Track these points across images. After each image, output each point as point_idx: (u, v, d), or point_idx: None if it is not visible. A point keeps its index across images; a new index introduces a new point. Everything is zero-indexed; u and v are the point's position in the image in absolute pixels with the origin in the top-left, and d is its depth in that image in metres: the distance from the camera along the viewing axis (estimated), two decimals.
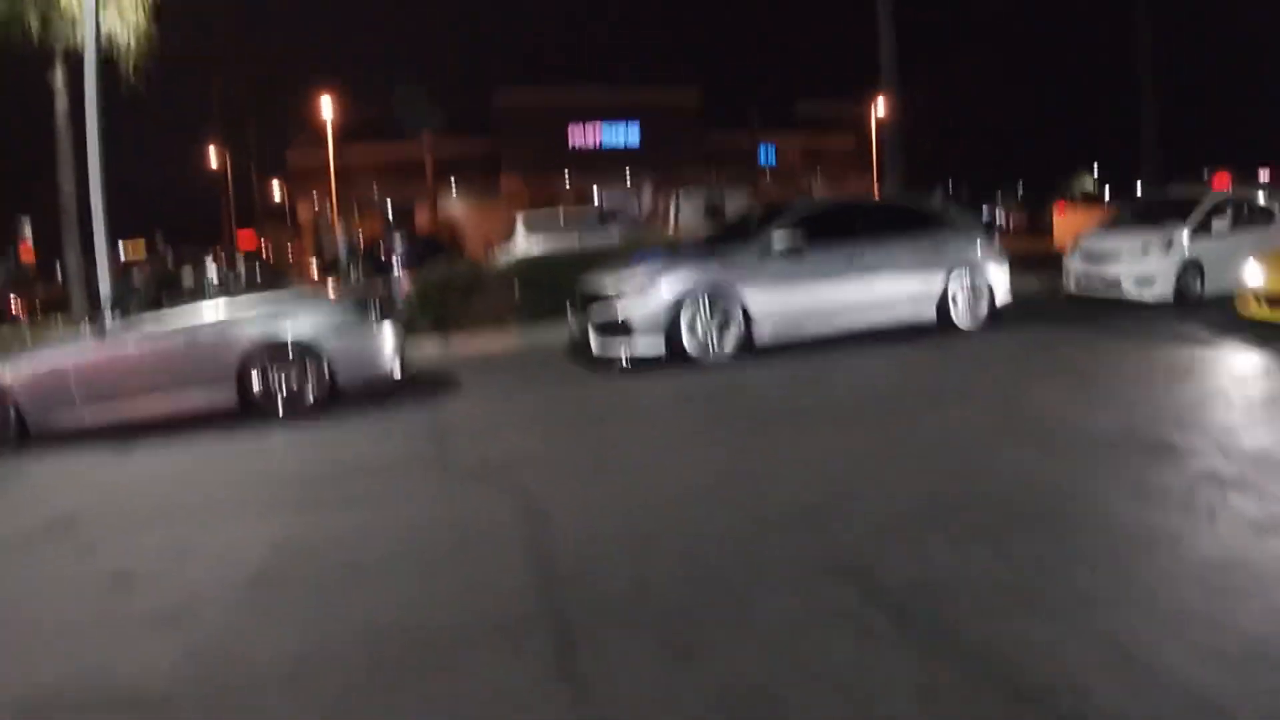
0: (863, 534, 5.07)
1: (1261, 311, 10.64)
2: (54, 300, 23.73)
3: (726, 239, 11.85)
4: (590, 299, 10.56)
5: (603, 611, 4.22)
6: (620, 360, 10.14)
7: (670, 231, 20.13)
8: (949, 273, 11.44)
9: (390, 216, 46.35)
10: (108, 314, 8.91)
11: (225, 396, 8.68)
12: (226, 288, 9.89)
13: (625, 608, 4.26)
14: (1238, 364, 9.28)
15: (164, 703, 3.61)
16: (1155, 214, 14.92)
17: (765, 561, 4.75)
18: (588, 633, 4.00)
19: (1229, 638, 3.64)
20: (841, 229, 11.29)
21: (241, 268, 10.63)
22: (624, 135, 50.72)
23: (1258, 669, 3.40)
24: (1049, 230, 33.74)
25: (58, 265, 28.16)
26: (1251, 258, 11.26)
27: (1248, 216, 14.78)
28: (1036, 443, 6.68)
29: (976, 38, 48.83)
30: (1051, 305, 14.31)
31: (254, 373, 8.69)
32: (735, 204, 21.04)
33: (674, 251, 12.26)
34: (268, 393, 8.75)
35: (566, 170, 46.20)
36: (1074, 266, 14.62)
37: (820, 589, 4.36)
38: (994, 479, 5.98)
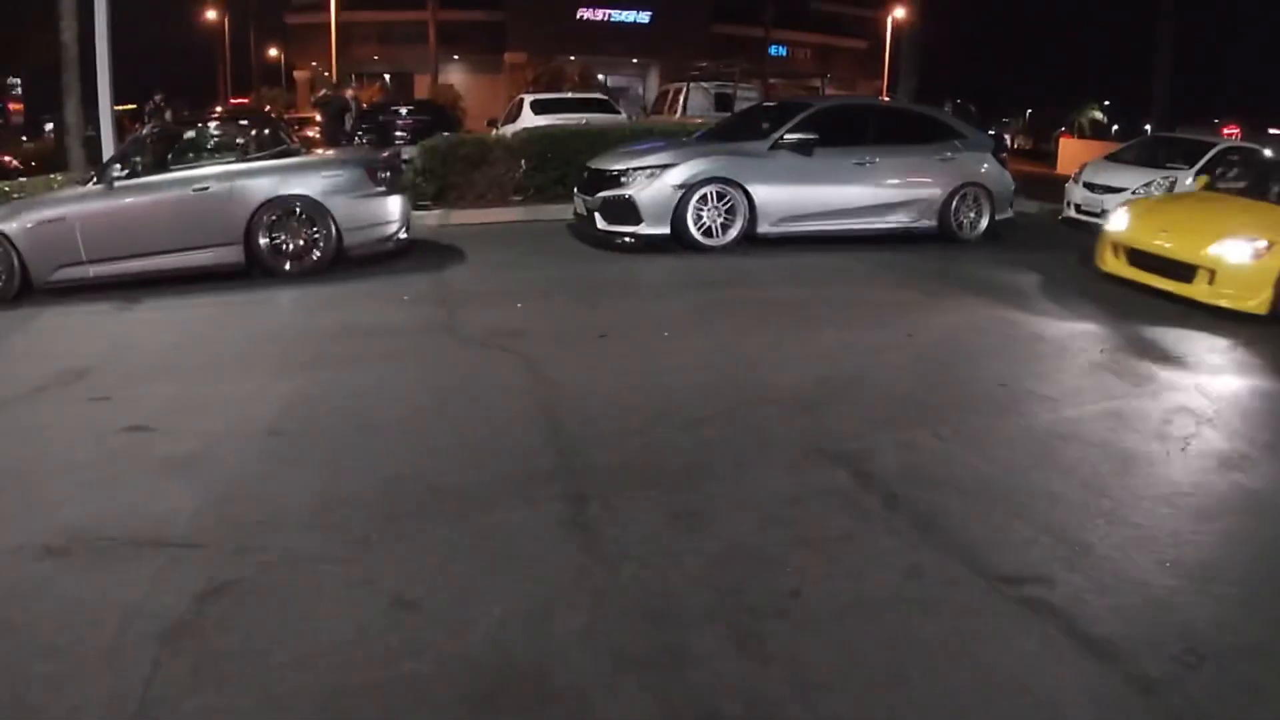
0: (857, 422, 5.32)
1: (1119, 266, 9.53)
2: (43, 155, 23.29)
3: (736, 131, 11.82)
4: (597, 179, 10.58)
5: (610, 474, 4.42)
6: (625, 240, 10.22)
7: (678, 118, 19.94)
8: (955, 185, 11.48)
9: (390, 85, 45.70)
10: (114, 167, 8.74)
11: (232, 254, 8.69)
12: (234, 147, 9.85)
13: (632, 472, 4.47)
14: None
15: (187, 543, 3.72)
16: (1162, 154, 14.96)
17: (764, 440, 4.96)
18: (596, 492, 4.20)
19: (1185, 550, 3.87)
20: (853, 131, 11.29)
21: (250, 129, 10.40)
22: (635, 18, 49.77)
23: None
24: (1052, 157, 33.70)
25: (49, 123, 27.70)
26: (1120, 204, 10.60)
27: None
28: (1022, 349, 6.86)
29: None
30: (1048, 228, 14.39)
31: (261, 231, 8.71)
32: (746, 97, 20.84)
33: (683, 139, 12.23)
34: (275, 251, 8.78)
35: (574, 48, 45.34)
36: (1074, 194, 14.66)
37: (817, 469, 4.60)
38: (979, 381, 6.18)
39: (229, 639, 3.09)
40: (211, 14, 47.46)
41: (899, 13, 35.59)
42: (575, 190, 11.26)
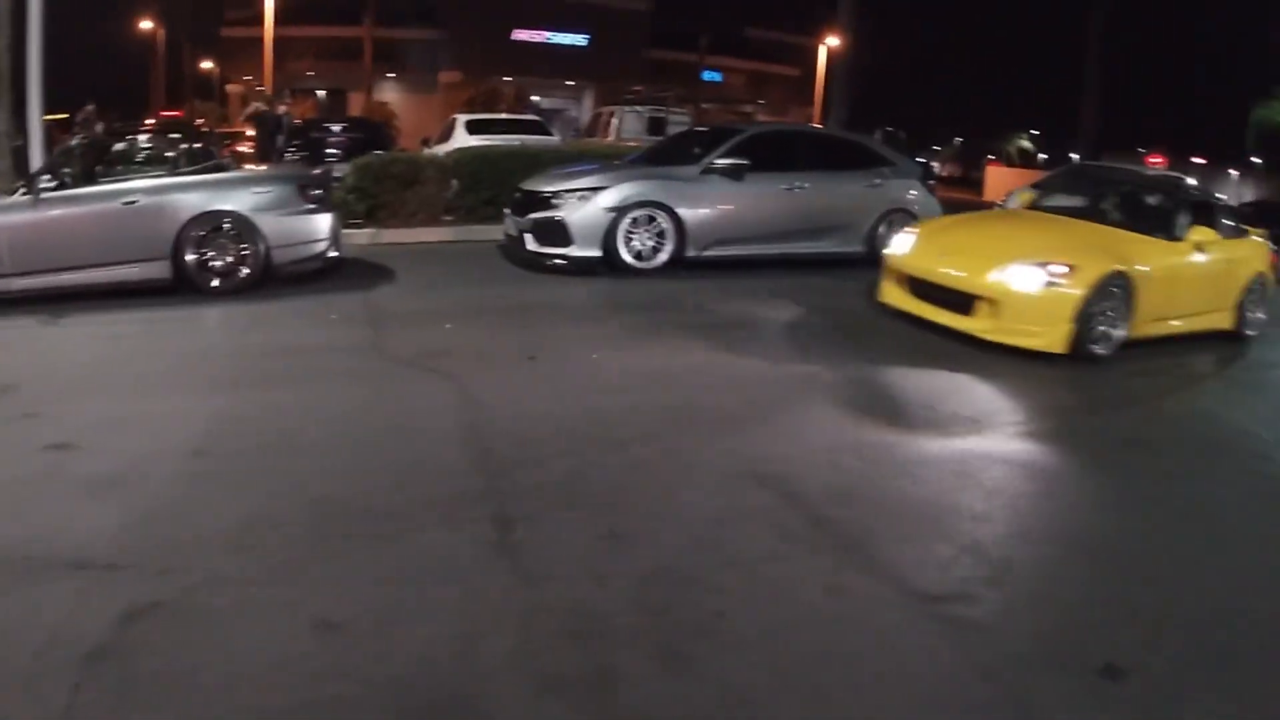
0: (784, 444, 5.38)
1: (899, 297, 8.43)
2: None
3: (668, 155, 11.92)
4: (529, 200, 10.60)
5: (538, 496, 4.44)
6: (556, 263, 10.24)
7: (611, 141, 20.05)
8: (883, 210, 11.69)
9: (324, 101, 45.32)
10: (42, 178, 8.55)
11: (160, 269, 8.53)
12: (164, 160, 9.71)
13: (559, 493, 4.48)
14: None
15: (110, 564, 3.65)
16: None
17: (692, 461, 5.03)
18: (524, 514, 4.22)
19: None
20: (783, 157, 11.44)
21: (181, 142, 10.23)
22: (571, 41, 49.89)
23: None
24: (980, 184, 34.40)
25: None
26: (906, 227, 9.49)
27: None
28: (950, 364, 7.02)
29: None
30: None
31: (190, 247, 8.58)
32: (678, 122, 21.03)
33: (615, 162, 12.31)
34: (203, 268, 8.64)
35: (510, 69, 45.32)
36: None
37: (743, 490, 4.66)
38: (903, 403, 6.32)
39: (152, 662, 3.04)
40: (146, 24, 46.71)
41: (832, 41, 36.12)
42: (507, 211, 11.25)
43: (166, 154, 9.92)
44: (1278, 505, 5.34)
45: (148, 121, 19.80)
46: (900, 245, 8.66)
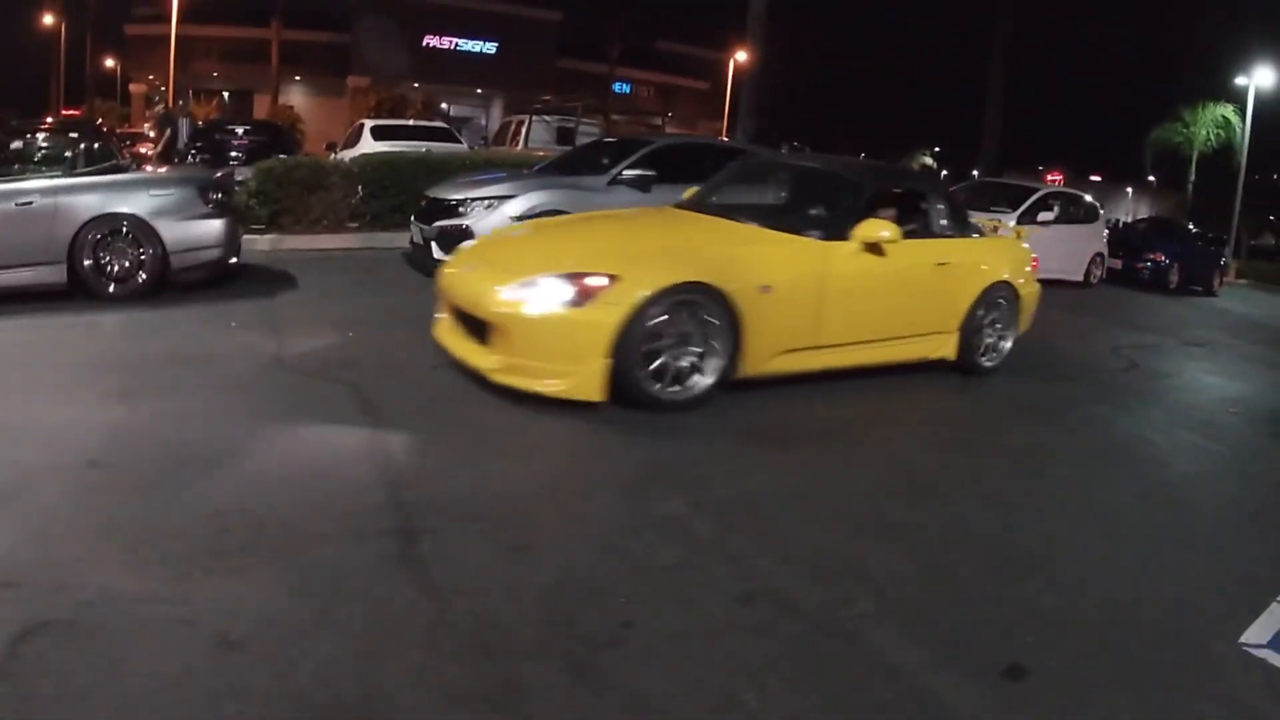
0: (691, 450, 5.43)
1: (444, 330, 6.59)
2: None
3: (577, 165, 11.94)
4: (435, 207, 10.52)
5: (442, 508, 4.37)
6: None
7: (519, 150, 19.97)
8: None
9: (229, 103, 44.45)
10: None
11: (54, 273, 8.24)
12: (61, 161, 9.40)
13: (464, 506, 4.43)
14: None
15: (3, 583, 3.49)
16: (988, 197, 15.82)
17: (599, 471, 5.05)
18: (428, 526, 4.16)
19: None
20: (691, 169, 11.44)
21: (80, 142, 9.89)
22: (481, 48, 49.68)
23: None
24: None
25: None
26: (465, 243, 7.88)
27: (1074, 212, 15.95)
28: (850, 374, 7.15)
29: (843, 3, 49.77)
30: None
31: (86, 250, 8.31)
32: (587, 132, 21.03)
33: (523, 171, 12.28)
34: (99, 272, 8.38)
35: (419, 75, 44.97)
36: None
37: (652, 498, 4.67)
38: (808, 405, 6.43)
39: (45, 682, 2.92)
40: (48, 19, 45.30)
41: (740, 56, 36.51)
42: (412, 219, 11.16)
43: (64, 154, 9.60)
44: (1171, 509, 5.56)
45: (46, 120, 19.14)
46: (453, 263, 6.80)
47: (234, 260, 9.43)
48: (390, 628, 3.33)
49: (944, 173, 58.81)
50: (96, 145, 9.77)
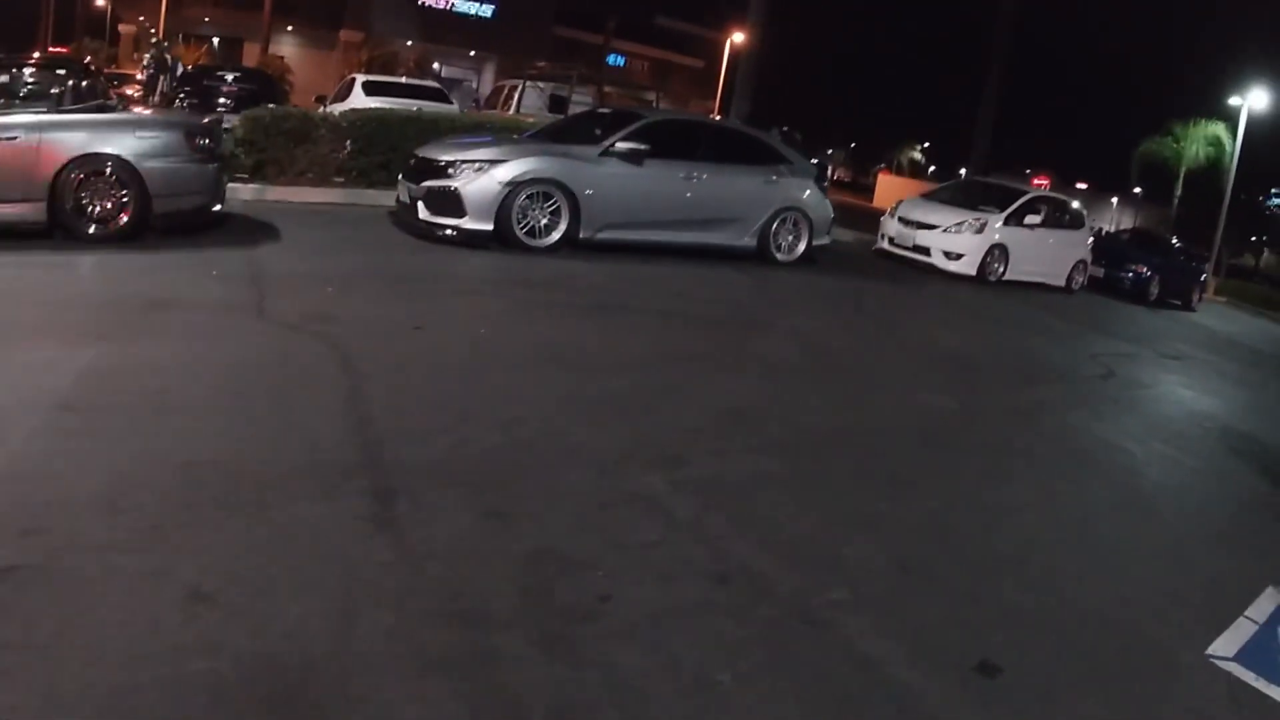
0: (673, 430, 5.41)
1: None
2: None
3: (568, 134, 11.83)
4: (424, 168, 10.39)
5: (419, 470, 4.33)
6: (447, 233, 10.07)
7: (511, 115, 19.80)
8: (777, 208, 11.84)
9: (218, 50, 43.90)
10: None
11: (34, 211, 8.05)
12: (47, 97, 9.21)
13: (441, 469, 4.39)
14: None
15: None
16: (975, 197, 15.85)
17: (578, 443, 5.01)
18: (404, 488, 4.11)
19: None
20: (683, 146, 11.48)
21: (67, 80, 9.68)
22: (477, 11, 49.20)
23: None
24: (870, 190, 35.10)
25: None
26: None
27: (1061, 218, 16.00)
28: (830, 364, 7.15)
29: None
30: (862, 257, 15.01)
31: (68, 189, 8.15)
32: (580, 102, 20.88)
33: (513, 137, 12.17)
34: (80, 212, 8.21)
35: (412, 33, 44.48)
36: (889, 227, 15.35)
37: (630, 474, 4.66)
38: (795, 394, 6.42)
39: (10, 629, 2.86)
40: None
41: (738, 37, 36.34)
42: (400, 177, 11.03)
43: (51, 90, 9.42)
44: (1142, 518, 5.59)
45: (33, 56, 18.83)
46: None
47: (217, 208, 9.28)
48: (363, 589, 3.29)
49: (931, 169, 58.94)
50: (84, 83, 9.59)
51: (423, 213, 10.20)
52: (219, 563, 3.34)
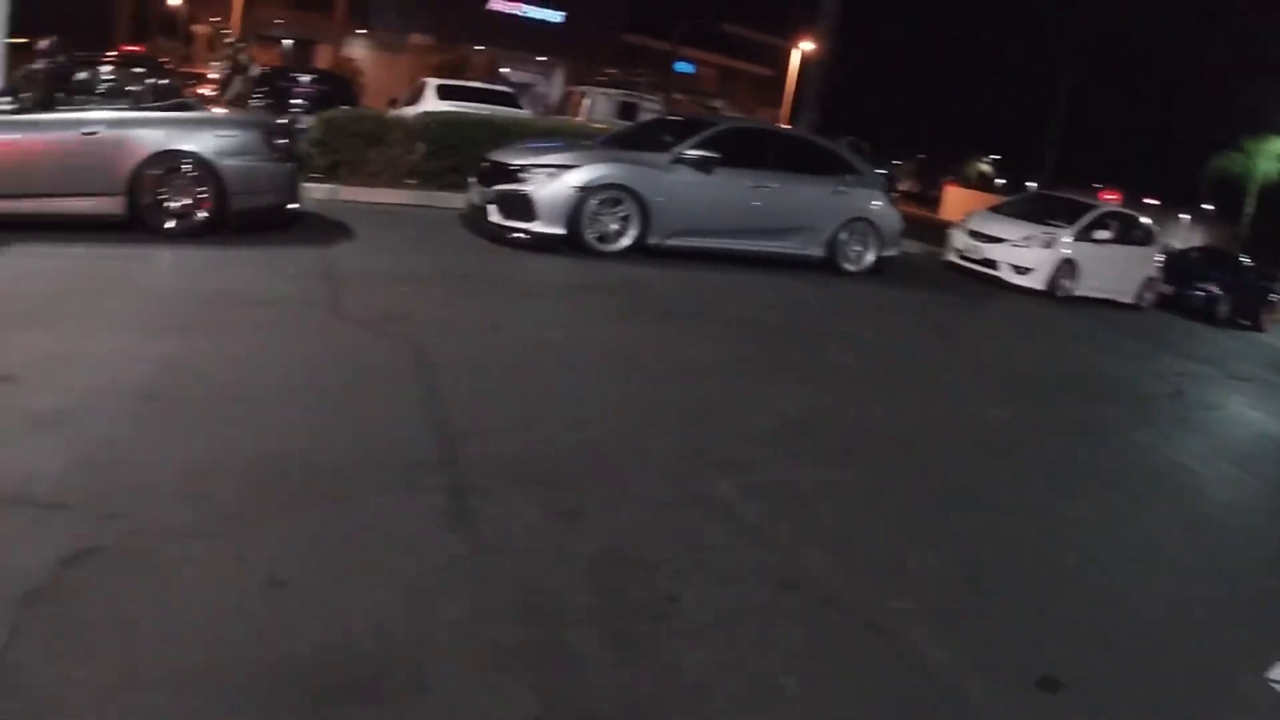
0: (740, 436, 5.41)
1: None
2: None
3: (639, 140, 11.88)
4: (497, 171, 10.49)
5: (493, 468, 4.38)
6: (518, 237, 10.15)
7: (581, 121, 19.93)
8: (846, 218, 11.78)
9: (290, 51, 44.61)
10: (2, 100, 8.20)
11: (114, 205, 8.25)
12: (127, 94, 9.41)
13: (514, 466, 4.44)
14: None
15: (53, 504, 3.52)
16: (1045, 211, 15.63)
17: (649, 446, 5.03)
18: (478, 484, 4.17)
19: None
20: (753, 154, 11.48)
21: (147, 78, 9.86)
22: (547, 16, 49.51)
23: None
24: (937, 202, 34.78)
25: None
26: None
27: (1129, 233, 15.72)
28: (896, 375, 7.10)
29: (917, 3, 49.17)
30: (930, 270, 14.87)
31: (147, 184, 8.34)
32: (650, 109, 20.96)
33: (585, 142, 12.24)
34: (158, 207, 8.41)
35: (482, 38, 44.87)
36: (958, 240, 15.19)
37: (699, 477, 4.67)
38: (861, 404, 6.38)
39: (93, 608, 2.95)
40: None
41: (806, 45, 36.26)
42: (472, 181, 11.15)
43: (131, 88, 9.61)
44: (1206, 539, 5.49)
45: (111, 54, 19.26)
46: None
47: (292, 207, 9.46)
48: (437, 582, 3.35)
49: (1000, 181, 58.22)
50: (164, 81, 9.78)
51: (494, 216, 10.29)
52: (296, 551, 3.41)
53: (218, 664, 2.76)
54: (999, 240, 14.47)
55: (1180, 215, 57.74)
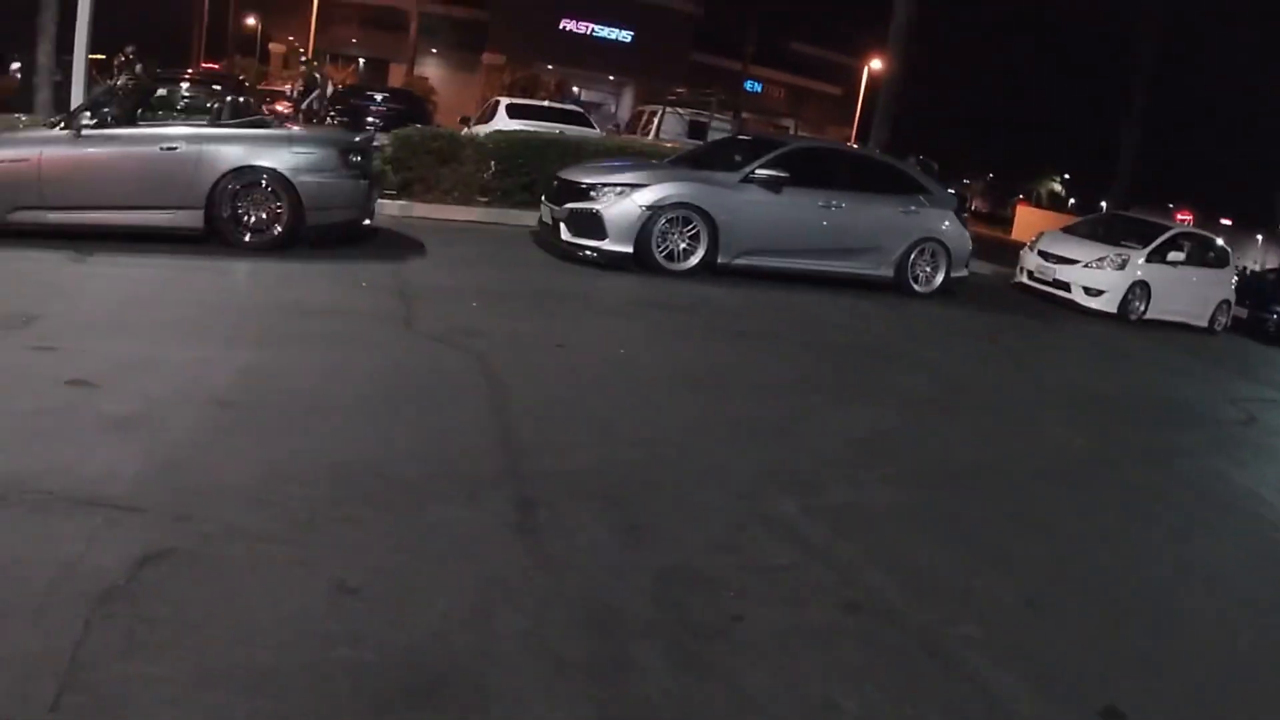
0: (807, 456, 5.38)
1: None
2: (4, 93, 22.29)
3: (709, 160, 11.91)
4: (567, 190, 10.58)
5: (560, 482, 4.41)
6: (588, 254, 10.21)
7: (650, 140, 20.01)
8: (916, 238, 11.68)
9: (363, 70, 45.42)
10: (84, 115, 8.51)
11: (192, 218, 8.48)
12: (206, 111, 9.65)
13: (581, 481, 4.47)
14: None
15: (128, 506, 3.61)
16: (1117, 231, 15.34)
17: (715, 464, 5.02)
18: (545, 499, 4.19)
19: None
20: (823, 174, 11.44)
21: (226, 94, 10.08)
22: (617, 36, 49.85)
23: None
24: (1008, 222, 34.36)
25: (15, 61, 26.94)
26: None
27: (1204, 255, 15.37)
28: (966, 398, 7.02)
29: (985, 21, 48.64)
30: (1000, 291, 14.69)
31: (225, 199, 8.54)
32: (720, 128, 20.97)
33: (654, 161, 12.30)
34: (236, 221, 8.61)
35: (553, 58, 45.30)
36: (1029, 261, 14.97)
37: (765, 497, 4.65)
38: (930, 427, 6.32)
39: (164, 607, 3.02)
40: None
41: (876, 64, 36.12)
42: (543, 199, 11.25)
43: (209, 104, 9.85)
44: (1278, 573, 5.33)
45: (189, 71, 19.74)
46: None
47: (367, 222, 9.63)
48: (503, 592, 3.37)
49: (1071, 201, 57.34)
50: (242, 99, 10.00)
51: (565, 233, 10.38)
52: (364, 558, 3.46)
53: (284, 666, 2.81)
54: (1071, 261, 14.24)
55: (1255, 236, 56.37)
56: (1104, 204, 30.72)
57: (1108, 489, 6.03)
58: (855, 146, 19.11)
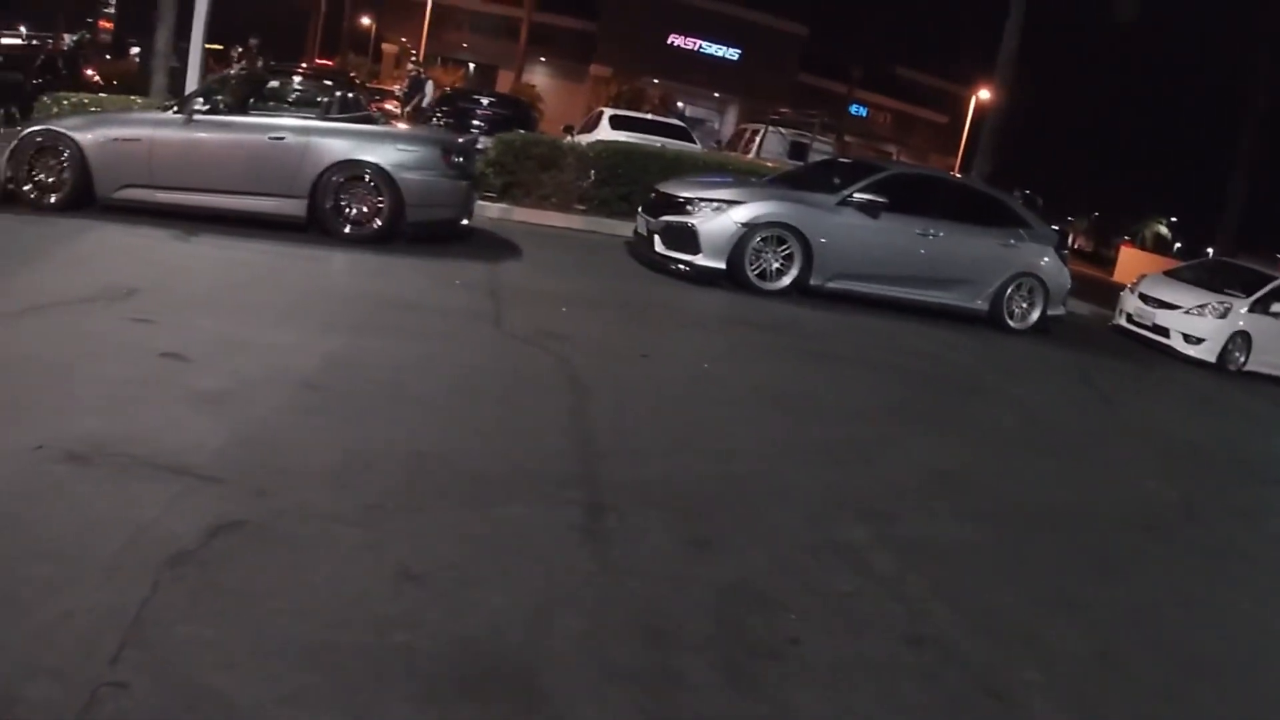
0: (884, 485, 5.30)
1: None
2: (124, 76, 23.00)
3: (807, 181, 11.83)
4: (664, 202, 10.62)
5: (631, 489, 4.43)
6: (680, 268, 10.22)
7: (751, 158, 19.97)
8: (1013, 272, 11.46)
9: (472, 75, 46.12)
10: (196, 100, 8.80)
11: (295, 207, 8.73)
12: (315, 104, 9.88)
13: (652, 491, 4.47)
14: None
15: (207, 476, 3.73)
16: (1221, 279, 14.85)
17: (788, 485, 4.97)
18: (615, 504, 4.21)
19: None
20: (922, 201, 11.28)
21: (334, 90, 10.30)
22: (724, 53, 49.95)
23: None
24: (1111, 262, 33.55)
25: (135, 46, 27.94)
26: None
27: None
28: (1052, 438, 6.86)
29: (1095, 57, 47.70)
30: (1096, 332, 14.34)
31: (328, 191, 8.76)
32: (821, 150, 20.86)
33: (753, 179, 12.28)
34: (337, 213, 8.82)
35: (659, 72, 45.56)
36: (1129, 303, 14.58)
37: (835, 522, 4.59)
38: (1012, 465, 6.19)
39: (231, 576, 3.10)
40: None
41: (984, 94, 35.62)
42: (640, 210, 11.30)
43: (319, 98, 10.09)
44: None
45: (303, 65, 20.24)
46: None
47: (465, 222, 9.78)
48: (563, 593, 3.39)
49: (1177, 245, 55.78)
50: (349, 95, 10.23)
51: (658, 246, 10.41)
52: (431, 547, 3.51)
53: (340, 644, 2.86)
54: (1171, 306, 13.83)
55: None
56: (1210, 250, 29.82)
57: (1191, 542, 5.82)
58: (957, 176, 18.83)
